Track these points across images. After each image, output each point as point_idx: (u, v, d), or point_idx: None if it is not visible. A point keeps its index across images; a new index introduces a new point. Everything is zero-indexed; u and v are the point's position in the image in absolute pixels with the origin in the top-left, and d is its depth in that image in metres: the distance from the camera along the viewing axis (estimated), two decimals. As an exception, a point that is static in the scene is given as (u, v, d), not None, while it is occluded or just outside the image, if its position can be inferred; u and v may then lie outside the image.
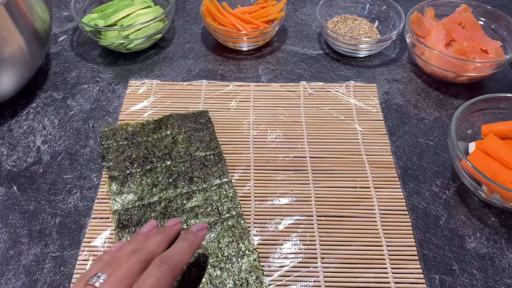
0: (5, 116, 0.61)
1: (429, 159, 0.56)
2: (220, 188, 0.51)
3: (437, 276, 0.45)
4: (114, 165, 0.53)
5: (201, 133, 0.56)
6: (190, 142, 0.55)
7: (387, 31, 0.70)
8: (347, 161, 0.55)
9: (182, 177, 0.52)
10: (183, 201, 0.50)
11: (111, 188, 0.51)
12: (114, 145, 0.55)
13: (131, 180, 0.52)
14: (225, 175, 0.52)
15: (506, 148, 0.49)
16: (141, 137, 0.56)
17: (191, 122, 0.57)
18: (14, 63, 0.56)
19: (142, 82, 0.65)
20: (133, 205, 0.49)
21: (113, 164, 0.53)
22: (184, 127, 0.56)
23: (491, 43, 0.64)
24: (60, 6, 0.80)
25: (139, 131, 0.56)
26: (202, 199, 0.50)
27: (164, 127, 0.57)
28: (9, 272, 0.46)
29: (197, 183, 0.51)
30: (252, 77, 0.67)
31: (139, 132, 0.56)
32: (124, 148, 0.54)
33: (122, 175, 0.52)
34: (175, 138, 0.55)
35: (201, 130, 0.57)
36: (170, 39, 0.73)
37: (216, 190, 0.51)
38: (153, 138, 0.56)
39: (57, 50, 0.71)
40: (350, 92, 0.64)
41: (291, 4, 0.81)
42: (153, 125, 0.57)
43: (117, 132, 0.56)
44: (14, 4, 0.53)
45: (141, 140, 0.55)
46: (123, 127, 0.57)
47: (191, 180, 0.52)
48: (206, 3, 0.69)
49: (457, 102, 0.63)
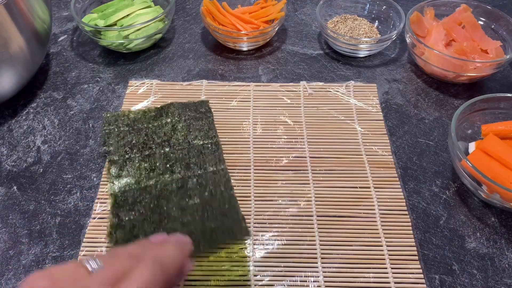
0: (5, 116, 0.61)
1: (429, 159, 0.56)
2: (215, 174, 0.52)
3: (437, 276, 0.45)
4: (114, 149, 0.54)
5: (200, 122, 0.57)
6: (189, 130, 0.56)
7: (387, 31, 0.70)
8: (347, 161, 0.55)
9: (179, 163, 0.52)
10: (178, 185, 0.50)
11: (110, 172, 0.51)
12: (116, 130, 0.56)
13: (130, 164, 0.52)
14: (221, 162, 0.53)
15: (506, 148, 0.49)
16: (141, 124, 0.57)
17: (191, 111, 0.58)
18: (14, 63, 0.56)
19: (142, 82, 0.65)
20: (130, 188, 0.50)
21: (113, 149, 0.54)
22: (184, 116, 0.57)
23: (491, 43, 0.64)
24: (60, 6, 0.80)
25: (141, 118, 0.57)
26: (197, 183, 0.51)
27: (164, 114, 0.57)
28: (9, 272, 0.46)
29: (193, 169, 0.52)
30: (252, 77, 0.67)
31: (140, 119, 0.57)
32: (124, 134, 0.55)
33: (121, 159, 0.53)
34: (175, 126, 0.56)
35: (201, 119, 0.57)
36: (170, 39, 0.73)
37: (212, 176, 0.51)
38: (153, 125, 0.56)
39: (57, 50, 0.71)
40: (350, 92, 0.64)
41: (291, 4, 0.81)
42: (154, 113, 0.58)
43: (119, 118, 0.57)
44: (14, 4, 0.53)
45: (141, 127, 0.56)
46: (125, 114, 0.58)
47: (188, 166, 0.52)
48: (206, 3, 0.69)
49: (457, 102, 0.63)
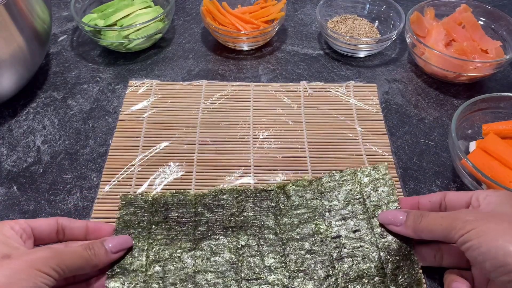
0: (5, 116, 0.61)
1: (429, 159, 0.56)
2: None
3: (437, 276, 0.45)
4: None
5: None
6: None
7: (387, 31, 0.70)
8: (347, 161, 0.55)
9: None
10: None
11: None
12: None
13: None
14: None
15: (506, 148, 0.49)
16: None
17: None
18: (14, 63, 0.56)
19: (142, 82, 0.65)
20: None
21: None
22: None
23: (491, 43, 0.64)
24: (60, 6, 0.80)
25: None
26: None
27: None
28: (9, 272, 0.46)
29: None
30: (252, 77, 0.67)
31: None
32: None
33: None
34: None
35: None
36: (170, 39, 0.73)
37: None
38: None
39: (57, 50, 0.71)
40: (350, 92, 0.64)
41: (291, 4, 0.81)
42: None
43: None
44: (14, 4, 0.53)
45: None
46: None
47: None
48: (206, 3, 0.69)
49: (457, 102, 0.63)
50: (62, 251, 0.38)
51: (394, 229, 0.44)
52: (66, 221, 0.43)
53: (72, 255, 0.38)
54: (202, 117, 0.60)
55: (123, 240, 0.43)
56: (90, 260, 0.39)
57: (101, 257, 0.41)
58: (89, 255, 0.39)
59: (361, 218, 0.46)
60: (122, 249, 0.43)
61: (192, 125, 0.59)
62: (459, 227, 0.37)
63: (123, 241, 0.43)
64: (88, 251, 0.40)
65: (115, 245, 0.42)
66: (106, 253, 0.41)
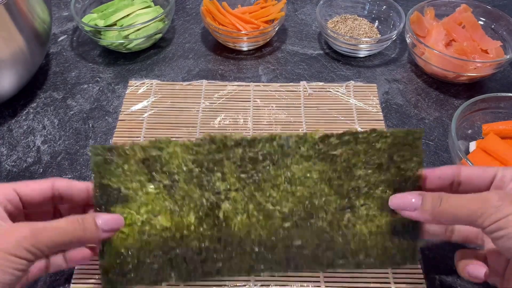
0: (5, 116, 0.61)
1: (429, 159, 0.56)
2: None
3: (437, 276, 0.45)
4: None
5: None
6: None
7: (387, 31, 0.70)
8: (347, 161, 0.55)
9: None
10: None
11: None
12: None
13: None
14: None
15: (506, 148, 0.49)
16: None
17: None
18: (14, 63, 0.56)
19: (142, 82, 0.65)
20: None
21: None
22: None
23: (491, 43, 0.64)
24: (60, 6, 0.80)
25: None
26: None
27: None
28: (9, 272, 0.46)
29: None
30: (252, 77, 0.67)
31: None
32: None
33: None
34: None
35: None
36: (170, 39, 0.73)
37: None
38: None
39: (57, 50, 0.71)
40: (350, 92, 0.64)
41: (291, 4, 0.81)
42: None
43: None
44: (14, 4, 0.53)
45: None
46: None
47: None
48: (206, 3, 0.69)
49: (457, 102, 0.63)
50: (42, 229, 0.33)
51: (408, 215, 0.37)
52: (64, 184, 0.38)
53: (54, 231, 0.33)
54: (202, 117, 0.60)
55: (117, 218, 0.38)
56: (77, 236, 0.34)
57: (92, 232, 0.35)
58: (75, 230, 0.34)
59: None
60: (113, 228, 0.37)
61: (192, 125, 0.59)
62: (489, 212, 0.32)
63: (117, 219, 0.38)
64: (76, 225, 0.34)
65: (107, 221, 0.37)
66: (97, 230, 0.36)
